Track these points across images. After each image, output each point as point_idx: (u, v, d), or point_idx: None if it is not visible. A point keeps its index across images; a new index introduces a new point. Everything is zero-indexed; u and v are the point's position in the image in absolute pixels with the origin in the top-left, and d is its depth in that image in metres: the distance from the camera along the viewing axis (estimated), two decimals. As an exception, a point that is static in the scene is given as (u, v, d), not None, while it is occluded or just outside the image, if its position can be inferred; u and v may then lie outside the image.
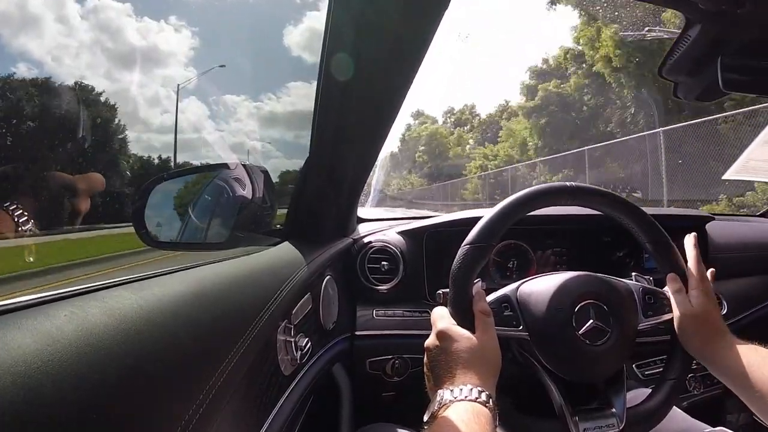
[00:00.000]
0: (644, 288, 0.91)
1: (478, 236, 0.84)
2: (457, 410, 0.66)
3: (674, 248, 0.91)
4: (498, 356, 0.78)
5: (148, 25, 24.14)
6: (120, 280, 0.57)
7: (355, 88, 0.86)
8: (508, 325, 0.84)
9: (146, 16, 24.30)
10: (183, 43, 24.43)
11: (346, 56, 0.80)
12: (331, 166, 1.08)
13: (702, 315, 0.86)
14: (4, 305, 0.44)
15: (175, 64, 25.79)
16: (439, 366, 0.76)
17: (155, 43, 23.95)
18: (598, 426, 0.82)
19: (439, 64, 21.29)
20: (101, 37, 22.78)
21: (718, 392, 1.49)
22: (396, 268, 1.37)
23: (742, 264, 1.57)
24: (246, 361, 0.63)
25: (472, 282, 0.83)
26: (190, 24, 23.87)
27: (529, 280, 0.90)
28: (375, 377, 1.34)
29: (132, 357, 0.44)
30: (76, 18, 21.95)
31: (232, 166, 1.06)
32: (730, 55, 0.90)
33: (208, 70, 15.28)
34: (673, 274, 0.90)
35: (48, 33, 18.66)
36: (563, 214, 1.36)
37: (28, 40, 16.93)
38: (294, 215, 1.20)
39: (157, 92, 26.18)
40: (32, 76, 15.16)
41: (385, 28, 0.74)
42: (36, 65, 19.47)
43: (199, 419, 0.48)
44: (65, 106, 2.22)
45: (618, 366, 0.87)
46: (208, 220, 1.12)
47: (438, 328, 0.80)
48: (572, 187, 0.89)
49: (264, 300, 0.75)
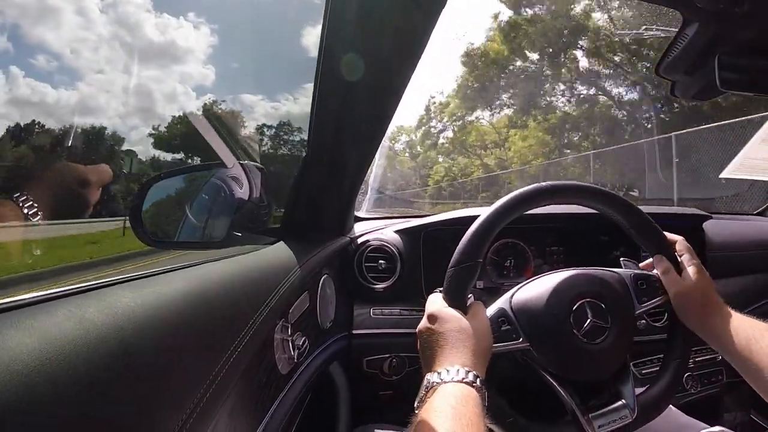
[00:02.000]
0: (635, 274, 0.92)
1: (463, 256, 0.84)
2: (443, 393, 0.66)
3: (657, 229, 0.92)
4: (489, 339, 0.79)
5: (166, 21, 24.21)
6: (117, 279, 0.57)
7: (352, 86, 0.86)
8: (508, 339, 0.83)
9: (165, 12, 24.42)
10: (201, 40, 24.44)
11: (344, 54, 0.80)
12: (328, 165, 1.08)
13: (696, 290, 0.87)
14: (2, 303, 0.44)
15: (194, 61, 25.88)
16: (430, 348, 0.76)
17: (173, 39, 23.91)
18: (612, 420, 0.83)
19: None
20: (120, 31, 22.85)
21: (716, 391, 1.49)
22: (393, 266, 1.37)
23: (739, 262, 1.57)
24: (243, 360, 0.63)
25: (465, 298, 0.82)
26: (209, 21, 23.89)
27: (521, 288, 0.90)
28: (372, 376, 1.34)
29: (130, 356, 0.44)
30: (95, 11, 22.02)
31: (229, 165, 1.05)
32: (727, 53, 0.90)
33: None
34: (659, 255, 0.91)
35: (67, 25, 18.73)
36: (560, 212, 1.36)
37: (47, 31, 16.95)
38: (291, 214, 1.20)
39: (174, 88, 26.30)
40: (51, 69, 15.31)
41: (384, 24, 0.74)
42: (55, 57, 19.54)
43: (197, 418, 0.48)
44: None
45: (622, 358, 0.88)
46: (205, 219, 1.11)
47: (429, 310, 0.81)
48: (548, 186, 0.89)
49: (261, 299, 0.75)
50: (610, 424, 0.82)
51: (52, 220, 0.65)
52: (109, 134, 7.21)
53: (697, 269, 0.89)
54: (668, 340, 0.93)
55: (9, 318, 0.41)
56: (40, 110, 5.89)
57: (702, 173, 8.69)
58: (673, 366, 0.90)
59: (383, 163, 2.93)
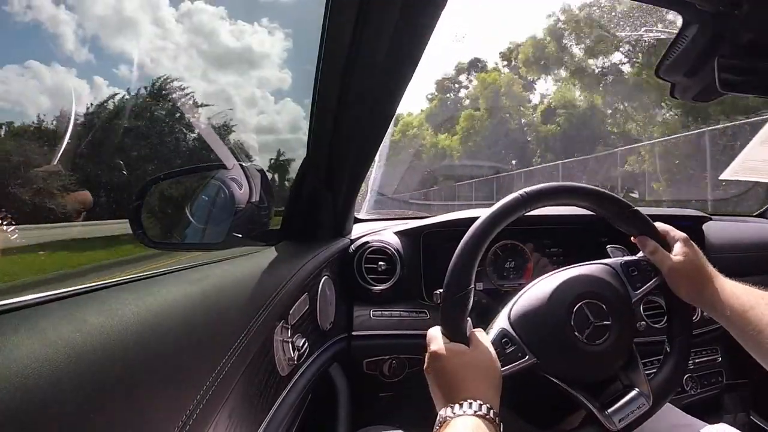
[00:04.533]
0: (625, 262, 0.93)
1: (453, 287, 0.82)
2: (455, 427, 0.65)
3: (638, 212, 0.92)
4: (496, 366, 0.78)
5: (241, 27, 24.57)
6: (117, 281, 0.57)
7: (352, 87, 0.86)
8: (514, 360, 0.82)
9: (240, 18, 24.86)
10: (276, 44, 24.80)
11: (344, 56, 0.80)
12: (328, 166, 1.08)
13: (688, 261, 0.87)
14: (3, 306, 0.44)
15: (269, 66, 26.21)
16: (439, 387, 0.75)
17: (249, 44, 24.23)
18: (630, 412, 0.83)
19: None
20: (196, 39, 23.31)
21: (716, 392, 1.50)
22: (393, 268, 1.37)
23: (739, 264, 1.57)
24: (243, 362, 0.63)
25: (465, 328, 0.81)
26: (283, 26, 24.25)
27: (517, 300, 0.89)
28: (372, 377, 1.34)
29: (129, 358, 0.44)
30: (171, 21, 22.41)
31: (229, 167, 1.05)
32: (727, 55, 0.90)
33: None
34: (642, 236, 0.92)
35: (145, 35, 19.21)
36: (559, 214, 1.36)
37: (126, 41, 17.38)
38: (291, 215, 1.20)
39: (253, 93, 26.58)
40: (132, 78, 15.94)
41: (383, 26, 0.74)
42: (137, 67, 19.94)
43: (196, 420, 0.48)
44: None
45: (628, 350, 0.88)
46: (205, 221, 1.11)
47: (430, 349, 0.79)
48: (526, 194, 0.88)
49: (261, 300, 0.75)
50: (629, 415, 0.82)
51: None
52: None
53: (684, 242, 0.89)
54: (669, 320, 0.94)
55: (9, 320, 0.41)
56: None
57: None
58: (678, 343, 0.91)
59: (383, 164, 2.93)
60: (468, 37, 27.77)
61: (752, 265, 1.58)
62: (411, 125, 21.47)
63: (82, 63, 14.84)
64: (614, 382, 0.88)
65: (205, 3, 26.37)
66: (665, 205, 9.11)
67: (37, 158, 3.95)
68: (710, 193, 8.62)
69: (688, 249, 0.88)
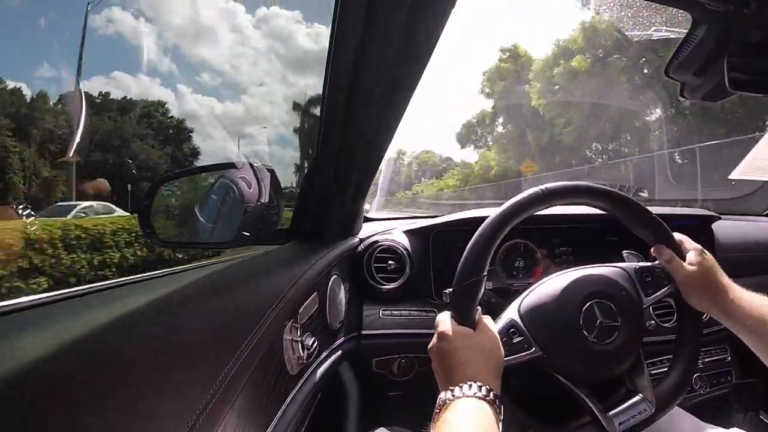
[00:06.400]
0: (639, 267, 0.92)
1: (466, 273, 0.82)
2: (455, 408, 0.66)
3: (656, 219, 0.92)
4: (499, 351, 0.78)
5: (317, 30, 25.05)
6: (126, 280, 0.58)
7: (362, 86, 0.87)
8: (520, 351, 0.83)
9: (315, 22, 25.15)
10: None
11: (354, 53, 0.80)
12: (337, 165, 1.08)
13: (703, 274, 0.87)
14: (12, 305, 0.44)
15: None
16: (442, 367, 0.76)
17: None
18: (632, 416, 0.83)
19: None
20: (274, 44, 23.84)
21: (725, 392, 1.49)
22: (402, 267, 1.37)
23: (749, 264, 1.56)
24: (252, 361, 0.63)
25: (473, 314, 0.81)
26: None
27: (528, 294, 0.89)
28: (381, 377, 1.34)
29: (138, 356, 0.44)
30: (248, 27, 23.00)
31: (238, 166, 1.06)
32: (736, 55, 0.90)
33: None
34: (658, 245, 0.91)
35: (224, 42, 19.81)
36: (569, 213, 1.36)
37: (206, 49, 17.96)
38: (300, 215, 1.21)
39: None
40: (215, 84, 16.34)
41: (394, 21, 0.74)
42: (218, 74, 20.50)
43: (205, 418, 0.49)
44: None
45: (635, 354, 0.88)
46: (214, 220, 1.12)
47: (438, 330, 0.81)
48: (546, 190, 0.88)
49: (270, 299, 0.75)
50: (630, 420, 0.83)
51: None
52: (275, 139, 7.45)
53: (699, 251, 0.89)
54: (679, 328, 0.94)
55: (17, 320, 0.41)
56: (208, 122, 6.27)
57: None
58: (686, 353, 0.91)
59: (393, 163, 2.88)
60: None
61: (762, 264, 1.57)
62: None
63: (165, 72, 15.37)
64: (619, 385, 0.88)
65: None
66: (679, 204, 9.04)
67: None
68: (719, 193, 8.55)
69: (703, 258, 0.88)
